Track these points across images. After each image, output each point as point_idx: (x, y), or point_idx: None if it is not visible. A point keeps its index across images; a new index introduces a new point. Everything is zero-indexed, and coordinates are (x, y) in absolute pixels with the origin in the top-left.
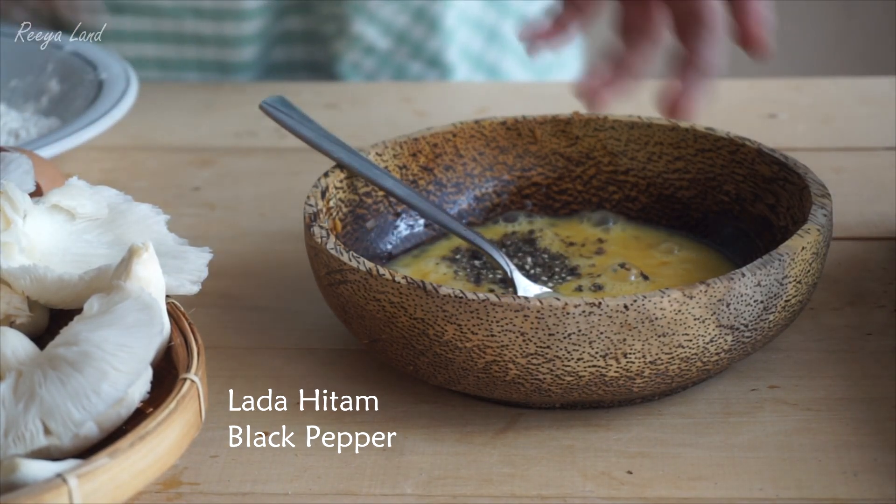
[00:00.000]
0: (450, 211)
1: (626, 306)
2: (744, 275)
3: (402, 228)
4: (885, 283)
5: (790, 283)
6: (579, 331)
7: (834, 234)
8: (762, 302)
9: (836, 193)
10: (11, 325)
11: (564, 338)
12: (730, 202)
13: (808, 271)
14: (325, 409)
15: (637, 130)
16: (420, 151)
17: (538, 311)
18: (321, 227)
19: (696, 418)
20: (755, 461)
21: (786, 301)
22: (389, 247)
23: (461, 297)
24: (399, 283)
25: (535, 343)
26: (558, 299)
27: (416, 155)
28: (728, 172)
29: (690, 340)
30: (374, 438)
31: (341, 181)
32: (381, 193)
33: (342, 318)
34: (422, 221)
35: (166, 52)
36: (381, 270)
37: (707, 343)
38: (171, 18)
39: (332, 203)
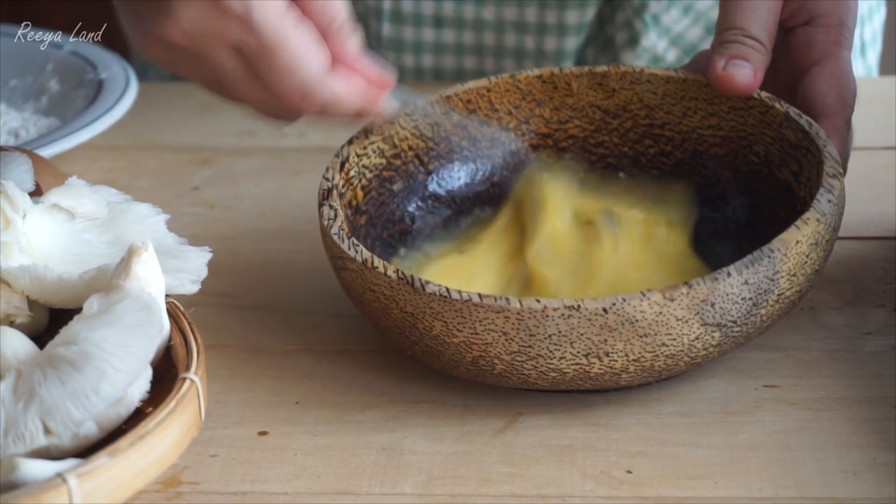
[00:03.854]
0: (485, 166)
1: (604, 309)
2: (729, 274)
3: (433, 187)
4: (884, 283)
5: (782, 277)
6: (559, 332)
7: None
8: (751, 299)
9: None
10: (11, 324)
11: (545, 338)
12: (759, 163)
13: (806, 262)
14: (324, 408)
15: (673, 84)
16: (452, 109)
17: (518, 313)
18: (331, 207)
19: (695, 418)
20: (755, 460)
21: (779, 295)
22: (416, 207)
23: (445, 297)
24: (390, 277)
25: (517, 342)
26: (538, 302)
27: (448, 113)
28: (758, 133)
29: (674, 339)
30: (373, 438)
31: (364, 147)
32: (411, 153)
33: (349, 298)
34: (453, 181)
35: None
36: (376, 262)
37: (692, 340)
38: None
39: (352, 172)
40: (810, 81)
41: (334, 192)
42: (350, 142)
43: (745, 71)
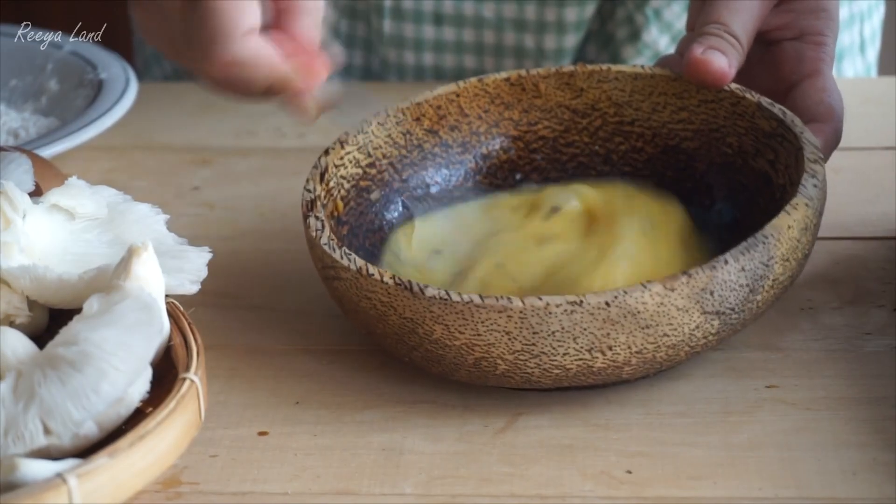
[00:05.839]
0: (457, 172)
1: (607, 303)
2: (727, 262)
3: (408, 195)
4: (884, 283)
5: (777, 263)
6: (563, 328)
7: (834, 234)
8: (747, 285)
9: (835, 193)
10: (11, 324)
11: (549, 335)
12: (732, 155)
13: (797, 247)
14: (324, 408)
15: (641, 81)
16: (424, 115)
17: (521, 312)
18: (317, 218)
19: (695, 418)
20: (754, 460)
21: (773, 280)
22: (396, 215)
23: (446, 299)
24: (387, 283)
25: (520, 341)
26: (540, 299)
27: (419, 119)
28: (730, 124)
29: (675, 329)
30: (373, 438)
31: (342, 158)
32: (385, 161)
33: (340, 309)
34: (428, 187)
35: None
36: (371, 270)
37: (693, 329)
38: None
39: (332, 183)
40: (802, 92)
41: (318, 202)
42: (326, 152)
43: (721, 60)
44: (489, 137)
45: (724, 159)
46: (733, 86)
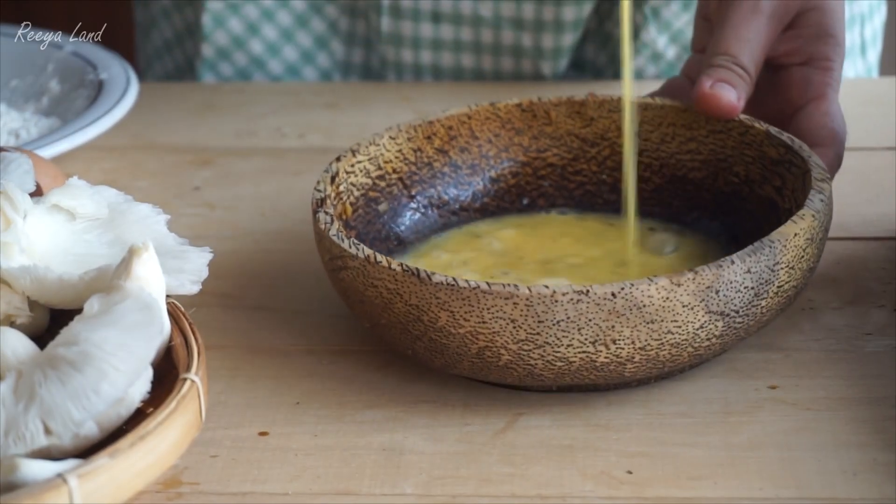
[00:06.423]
0: (465, 192)
1: (613, 294)
2: (733, 262)
3: (416, 211)
4: (884, 283)
5: (782, 269)
6: (568, 318)
7: (834, 234)
8: (753, 288)
9: (836, 193)
10: (11, 325)
11: (553, 325)
12: (739, 183)
13: (802, 257)
14: (325, 409)
15: (650, 111)
16: (435, 134)
17: (527, 299)
18: (326, 213)
19: (695, 418)
20: (755, 461)
21: (778, 287)
22: (402, 228)
23: (453, 285)
24: (395, 270)
25: (525, 330)
26: (547, 287)
27: (430, 137)
28: (738, 154)
29: (679, 327)
30: (374, 438)
31: (352, 165)
32: (394, 176)
33: (345, 302)
34: (437, 205)
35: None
36: (379, 258)
37: (697, 329)
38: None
39: (342, 187)
40: (806, 116)
41: (328, 201)
42: (338, 159)
43: (730, 94)
44: (498, 161)
45: (730, 188)
46: (742, 116)
